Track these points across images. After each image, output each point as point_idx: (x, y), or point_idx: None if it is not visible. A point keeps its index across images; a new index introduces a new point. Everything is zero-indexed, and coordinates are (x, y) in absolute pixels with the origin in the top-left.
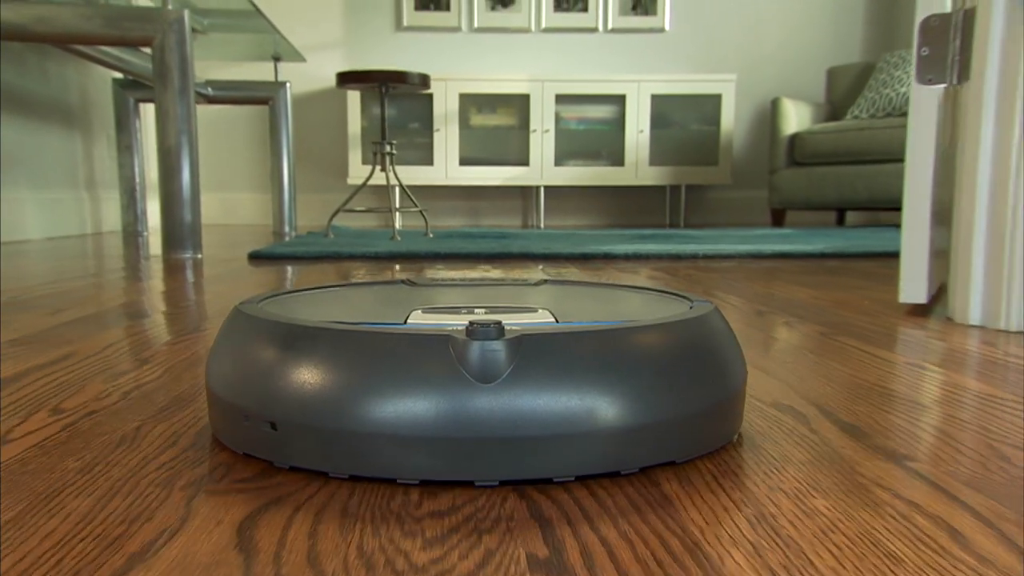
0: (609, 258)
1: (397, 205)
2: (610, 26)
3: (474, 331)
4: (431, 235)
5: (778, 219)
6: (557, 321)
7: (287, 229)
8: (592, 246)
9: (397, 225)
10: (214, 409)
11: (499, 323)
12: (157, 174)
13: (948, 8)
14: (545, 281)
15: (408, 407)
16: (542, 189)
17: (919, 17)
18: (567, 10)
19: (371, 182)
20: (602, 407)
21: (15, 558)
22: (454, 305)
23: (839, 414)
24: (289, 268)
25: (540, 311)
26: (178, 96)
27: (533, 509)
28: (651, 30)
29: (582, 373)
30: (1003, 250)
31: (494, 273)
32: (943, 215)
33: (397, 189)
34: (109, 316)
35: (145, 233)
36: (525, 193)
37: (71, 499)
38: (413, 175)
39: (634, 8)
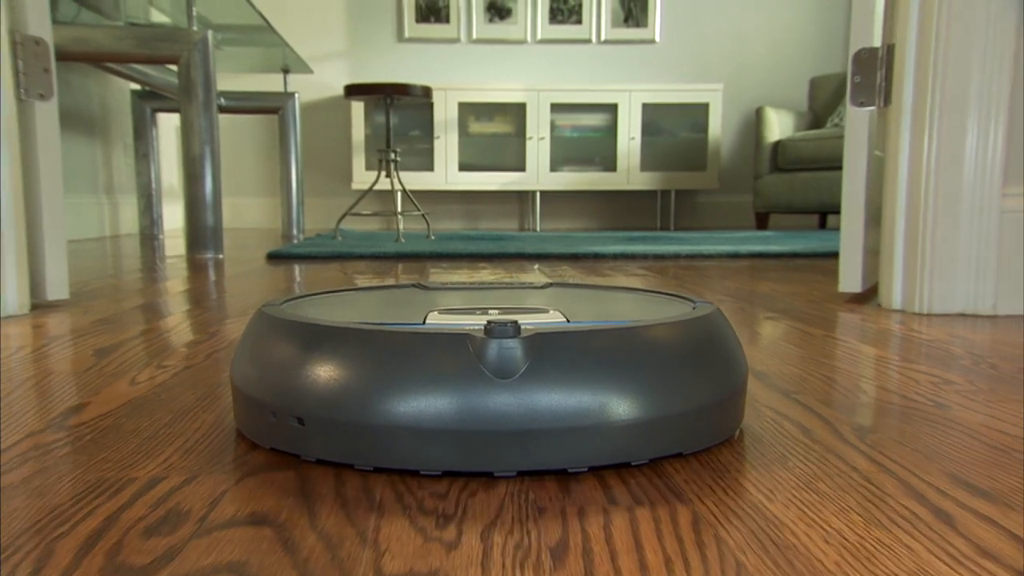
0: (598, 258)
1: (400, 209)
2: (603, 37)
3: (492, 330)
4: (432, 237)
5: (762, 222)
6: (568, 321)
7: (295, 232)
8: (583, 247)
9: (400, 228)
10: (241, 406)
11: (515, 322)
12: (174, 180)
13: (876, 43)
14: (551, 284)
15: (430, 402)
16: (538, 194)
17: (852, 49)
18: (562, 22)
19: (375, 187)
20: (614, 402)
21: (184, 441)
22: (468, 307)
23: (756, 367)
24: (305, 267)
25: (551, 311)
26: (202, 109)
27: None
28: (642, 41)
29: (594, 369)
30: (917, 247)
31: (497, 276)
32: (877, 218)
33: (400, 194)
34: (166, 304)
35: (161, 236)
36: (522, 198)
37: (202, 412)
38: (414, 180)
39: (626, 20)
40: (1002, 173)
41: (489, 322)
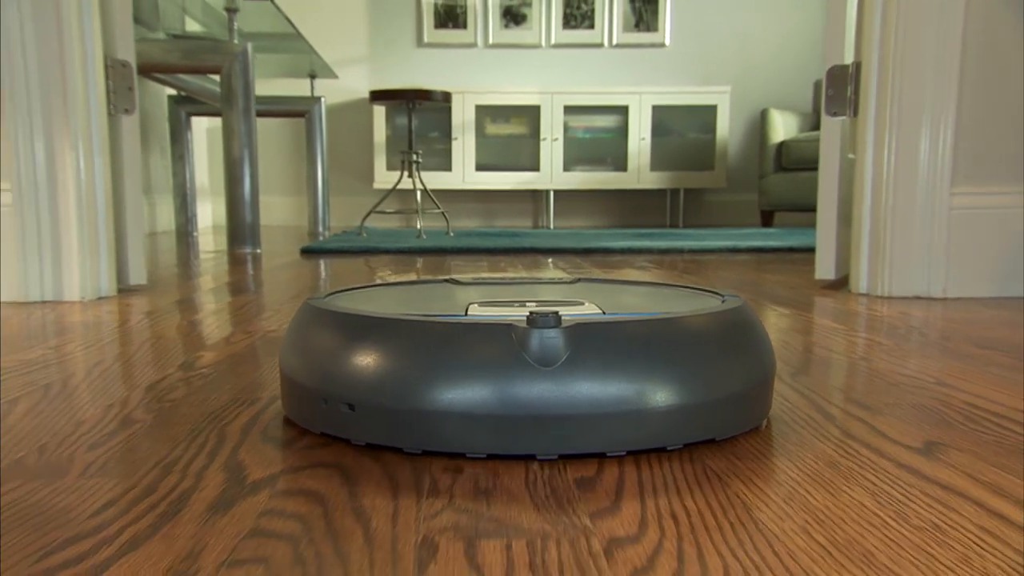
0: (607, 252)
1: (420, 207)
2: (615, 42)
3: (534, 320)
4: (452, 234)
5: (767, 220)
6: (604, 313)
7: (321, 229)
8: (593, 243)
9: (421, 225)
10: (291, 393)
11: (556, 313)
12: (206, 181)
13: (848, 60)
14: (579, 279)
15: (476, 389)
16: (551, 193)
17: (826, 66)
18: (575, 27)
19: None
20: (650, 389)
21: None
22: (507, 299)
23: None
24: (336, 261)
25: (587, 304)
26: (242, 115)
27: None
28: (652, 45)
29: (632, 358)
30: (879, 239)
31: (516, 270)
32: (849, 215)
33: (420, 193)
34: (224, 289)
35: (195, 233)
36: (536, 196)
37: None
38: (433, 180)
39: (637, 25)
40: (951, 175)
41: (531, 313)
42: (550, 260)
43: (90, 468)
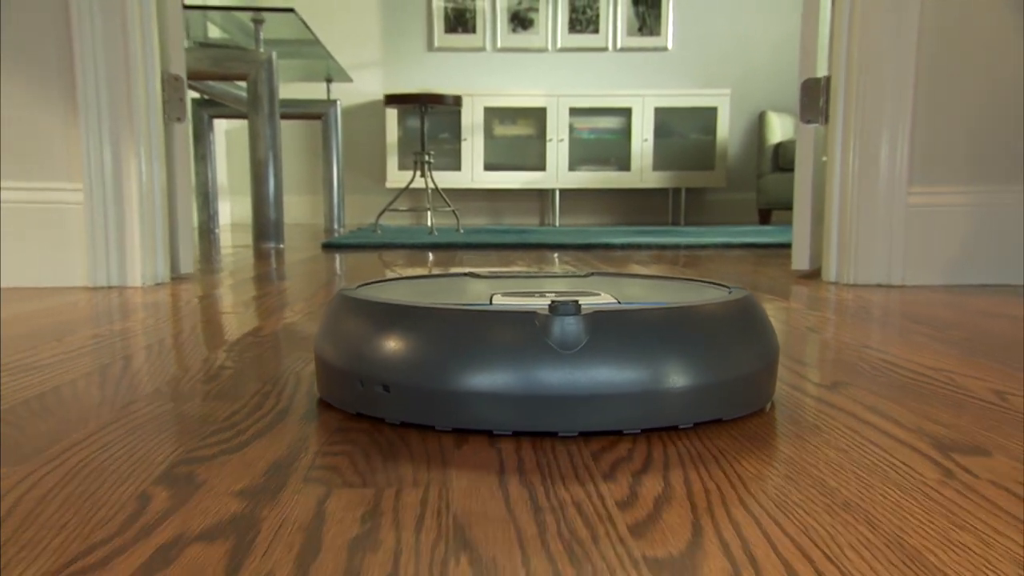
0: (608, 248)
1: (431, 205)
2: (619, 46)
3: (556, 308)
4: (461, 231)
5: (765, 218)
6: (619, 302)
7: (336, 226)
8: (595, 239)
9: (432, 222)
10: (327, 377)
11: (576, 302)
12: (225, 180)
13: (819, 74)
14: (592, 273)
15: (503, 371)
16: (557, 192)
17: (800, 79)
18: (580, 31)
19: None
20: (664, 371)
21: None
22: (528, 290)
23: None
24: (355, 255)
25: (603, 294)
26: (267, 120)
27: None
28: (655, 49)
29: (647, 343)
30: (846, 233)
31: (526, 264)
32: (821, 212)
33: (431, 192)
34: (261, 278)
35: (217, 230)
36: (542, 195)
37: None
38: (443, 179)
39: (640, 29)
40: (907, 177)
41: (553, 301)
42: (556, 255)
43: (209, 395)
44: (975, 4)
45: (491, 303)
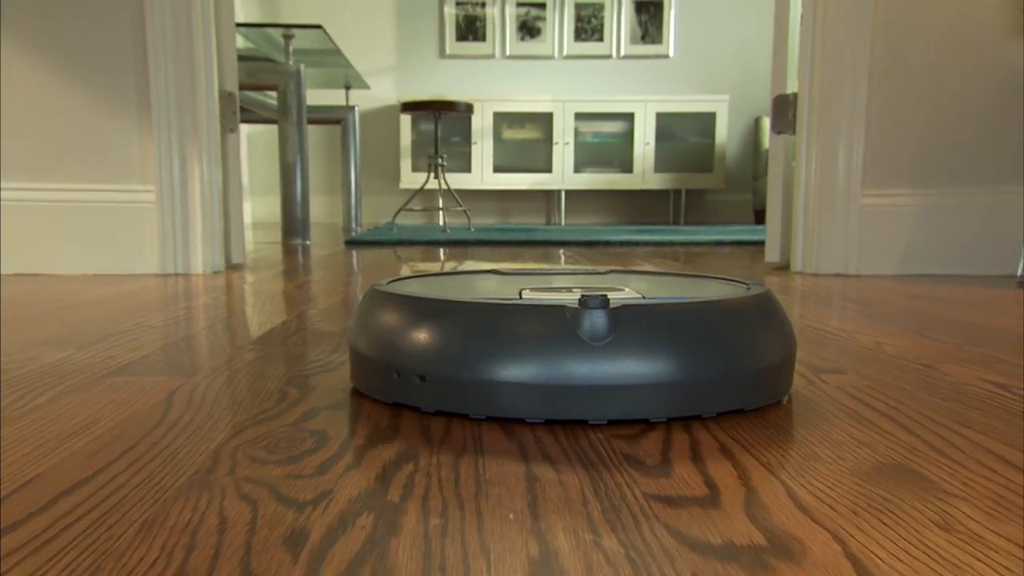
0: (608, 244)
1: (444, 205)
2: (622, 53)
3: (586, 302)
4: (472, 229)
5: (759, 218)
6: (643, 297)
7: (354, 225)
8: (596, 236)
9: (442, 222)
10: (362, 368)
11: (605, 296)
12: (245, 181)
13: (788, 91)
14: (611, 271)
15: (535, 362)
16: (563, 192)
17: (772, 95)
18: (585, 40)
19: (420, 186)
20: (688, 363)
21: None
22: (555, 286)
23: None
24: (375, 250)
25: (627, 290)
26: (295, 126)
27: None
28: (657, 57)
29: (672, 336)
30: (810, 230)
31: (536, 260)
32: (790, 212)
33: (444, 192)
34: (300, 269)
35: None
36: (548, 196)
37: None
38: (454, 181)
39: (643, 38)
40: (861, 181)
41: (583, 296)
42: (561, 252)
43: (298, 343)
44: (918, 35)
45: (521, 298)
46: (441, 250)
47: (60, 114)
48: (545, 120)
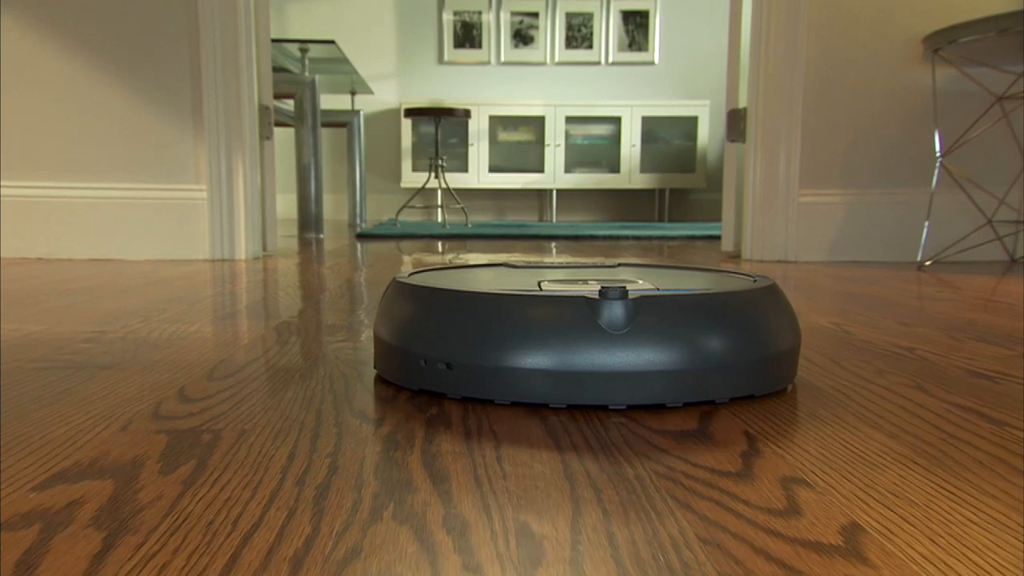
0: (593, 238)
1: (443, 203)
2: (610, 60)
3: (606, 293)
4: (470, 225)
5: None
6: (658, 289)
7: (359, 221)
8: (583, 231)
9: (442, 218)
10: (388, 356)
11: (624, 287)
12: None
13: (740, 105)
14: (620, 264)
15: (557, 350)
16: (555, 191)
17: (726, 108)
18: (576, 47)
19: (419, 185)
20: (703, 351)
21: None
22: (573, 278)
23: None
24: (383, 243)
25: (641, 282)
26: (310, 131)
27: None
28: (643, 63)
29: (688, 325)
30: (757, 223)
31: (526, 253)
32: (741, 208)
33: (443, 191)
34: (323, 256)
35: None
36: (541, 194)
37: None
38: (452, 180)
39: (630, 45)
40: (798, 182)
41: (603, 287)
42: (553, 244)
43: (343, 305)
44: (845, 61)
45: (541, 289)
46: (443, 243)
47: (129, 126)
48: (538, 123)
